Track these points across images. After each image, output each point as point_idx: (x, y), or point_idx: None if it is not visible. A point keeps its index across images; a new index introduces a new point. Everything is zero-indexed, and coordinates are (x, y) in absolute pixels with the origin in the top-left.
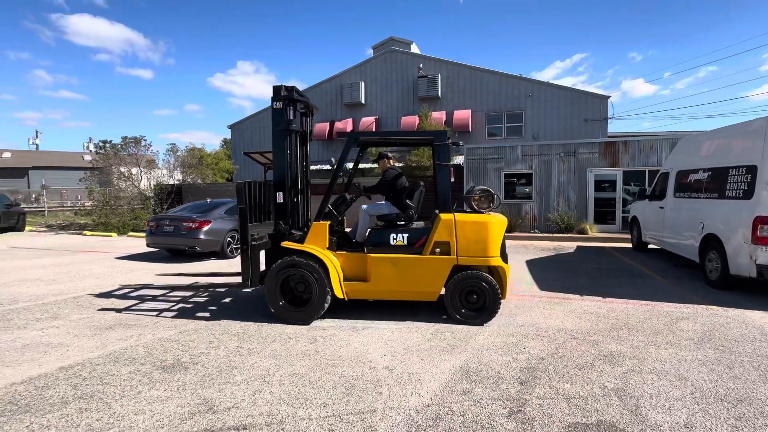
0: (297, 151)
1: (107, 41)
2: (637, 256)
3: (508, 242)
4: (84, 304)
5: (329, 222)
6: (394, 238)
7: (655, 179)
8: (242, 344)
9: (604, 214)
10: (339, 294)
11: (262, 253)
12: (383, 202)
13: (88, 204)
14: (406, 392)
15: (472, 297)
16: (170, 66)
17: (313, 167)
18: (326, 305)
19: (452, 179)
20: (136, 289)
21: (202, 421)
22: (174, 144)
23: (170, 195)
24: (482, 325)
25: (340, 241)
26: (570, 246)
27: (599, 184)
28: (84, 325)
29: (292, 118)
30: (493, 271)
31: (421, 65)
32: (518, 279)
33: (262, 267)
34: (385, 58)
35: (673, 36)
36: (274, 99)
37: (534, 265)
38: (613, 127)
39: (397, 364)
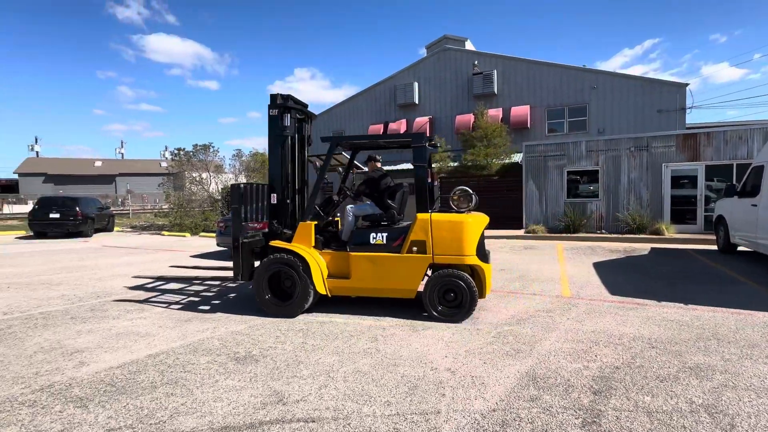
0: (295, 155)
1: (179, 56)
2: (725, 259)
3: (570, 243)
4: (168, 298)
5: (315, 222)
6: (373, 237)
7: (746, 174)
8: (306, 340)
9: (682, 213)
10: (321, 290)
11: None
12: (368, 203)
13: (165, 207)
14: (470, 395)
15: (450, 295)
16: (234, 76)
17: (366, 168)
18: (309, 300)
19: (431, 180)
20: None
21: (273, 411)
22: (239, 149)
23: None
24: (459, 322)
25: (327, 240)
26: (643, 247)
27: (676, 181)
28: (166, 317)
29: (287, 124)
30: (475, 270)
31: (475, 62)
32: (585, 282)
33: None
34: (438, 57)
35: (763, 13)
36: (270, 107)
37: (603, 268)
38: (692, 118)
39: (459, 366)
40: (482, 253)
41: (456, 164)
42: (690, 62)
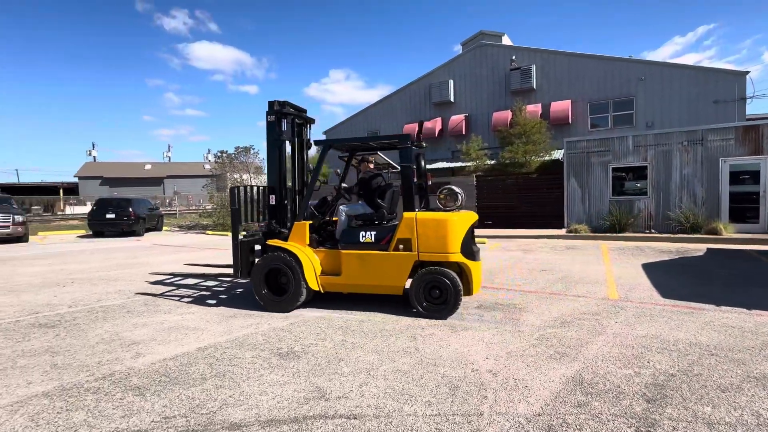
0: (295, 158)
1: (221, 63)
2: None
3: (616, 243)
4: (213, 295)
5: (310, 222)
6: (363, 236)
7: None
8: (346, 338)
9: (742, 211)
10: (314, 287)
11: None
12: (360, 203)
13: (209, 207)
14: (513, 398)
15: (435, 292)
16: (272, 80)
17: None
18: (302, 296)
19: (426, 180)
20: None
21: (316, 407)
22: None
23: None
24: (445, 319)
25: (323, 239)
26: (697, 248)
27: (736, 176)
28: (213, 312)
29: (284, 129)
30: (461, 267)
31: (513, 57)
32: (633, 284)
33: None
34: (474, 53)
35: None
36: (268, 113)
37: (653, 269)
38: (753, 108)
39: (501, 368)
40: (469, 251)
41: (493, 162)
42: (750, 48)
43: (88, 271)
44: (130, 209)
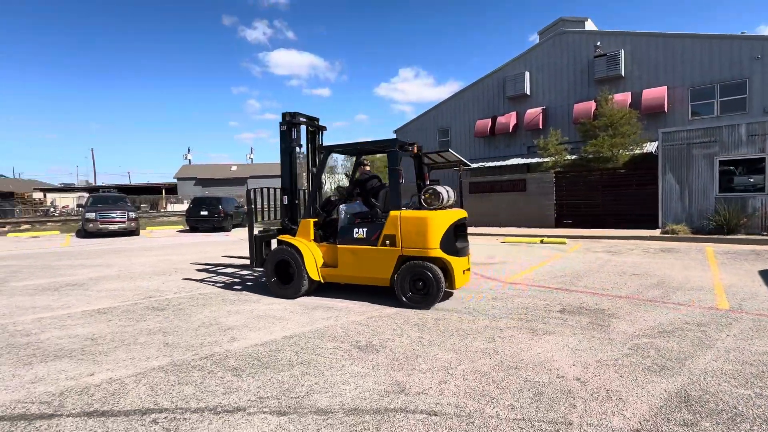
0: (308, 162)
1: (297, 68)
2: None
3: (724, 247)
4: None
5: (314, 219)
6: (356, 232)
7: None
8: (423, 335)
9: None
10: (315, 277)
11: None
12: (357, 202)
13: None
14: (606, 410)
15: (419, 284)
16: (343, 82)
17: (474, 165)
18: (304, 284)
19: (402, 180)
20: None
21: (396, 400)
22: None
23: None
24: (428, 308)
25: (326, 235)
26: None
27: None
28: (296, 303)
29: (293, 137)
30: (444, 263)
31: (597, 43)
32: (749, 294)
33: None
34: (553, 42)
35: None
36: (281, 123)
37: None
38: None
39: (591, 377)
40: (451, 248)
41: (574, 157)
42: None
43: (187, 262)
44: (220, 207)
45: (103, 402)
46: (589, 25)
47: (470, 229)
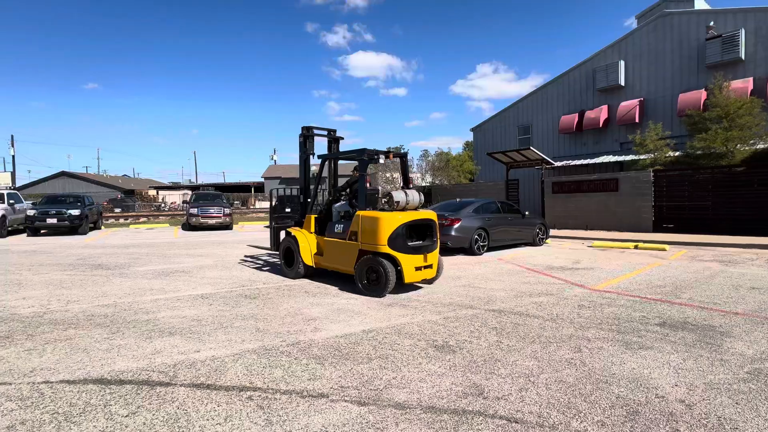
0: (330, 168)
1: (374, 69)
2: None
3: None
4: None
5: (315, 215)
6: (337, 228)
7: None
8: (501, 339)
9: None
10: (308, 262)
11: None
12: (344, 202)
13: None
14: None
15: (372, 275)
16: (419, 81)
17: (558, 163)
18: (301, 268)
19: (368, 184)
20: None
21: (474, 403)
22: (426, 150)
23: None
24: (381, 297)
25: (321, 228)
26: None
27: None
28: (372, 300)
29: (306, 147)
30: (395, 259)
31: (711, 23)
32: None
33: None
34: (654, 25)
35: None
36: (300, 135)
37: None
38: None
39: (698, 400)
40: (403, 245)
41: (677, 154)
42: None
43: (274, 256)
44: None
45: (208, 376)
46: (699, 4)
47: (553, 232)
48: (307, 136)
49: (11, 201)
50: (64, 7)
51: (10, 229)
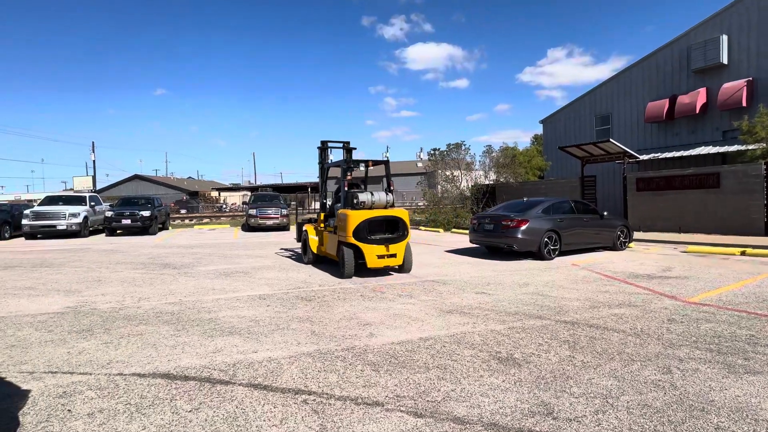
0: (325, 175)
1: (433, 61)
2: None
3: None
4: (428, 288)
5: (323, 213)
6: (331, 223)
7: None
8: (575, 354)
9: None
10: (314, 250)
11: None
12: (340, 203)
13: (421, 204)
14: None
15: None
16: (482, 71)
17: (644, 156)
18: (310, 255)
19: (345, 188)
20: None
21: (543, 423)
22: (489, 146)
23: (485, 194)
24: (342, 278)
25: (327, 224)
26: None
27: None
28: (430, 305)
29: (323, 157)
30: (359, 247)
31: None
32: None
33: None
34: None
35: None
36: (318, 147)
37: None
38: None
39: None
40: (365, 237)
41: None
42: None
43: (329, 262)
44: None
45: (265, 377)
46: None
47: (637, 235)
48: (323, 149)
49: (92, 203)
50: (123, 15)
51: (91, 229)
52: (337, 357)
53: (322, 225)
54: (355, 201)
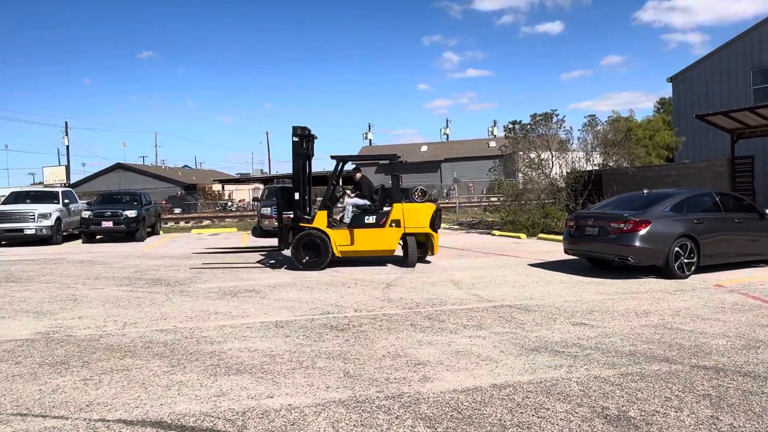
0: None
1: None
2: None
3: None
4: (504, 316)
5: (326, 211)
6: (366, 219)
7: None
8: (719, 415)
9: None
10: (338, 252)
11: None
12: (354, 198)
13: (494, 198)
14: None
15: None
16: (584, 8)
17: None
18: (326, 259)
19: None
20: (554, 309)
21: None
22: (593, 116)
23: (586, 185)
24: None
25: (331, 222)
26: None
27: None
28: (508, 340)
29: (305, 148)
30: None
31: None
32: None
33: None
34: None
35: None
36: (293, 135)
37: None
38: None
39: None
40: (433, 226)
41: None
42: None
43: (369, 273)
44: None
45: (283, 431)
46: None
47: None
48: (302, 137)
49: (66, 201)
50: None
51: (65, 234)
52: (379, 407)
53: (323, 222)
54: (416, 194)
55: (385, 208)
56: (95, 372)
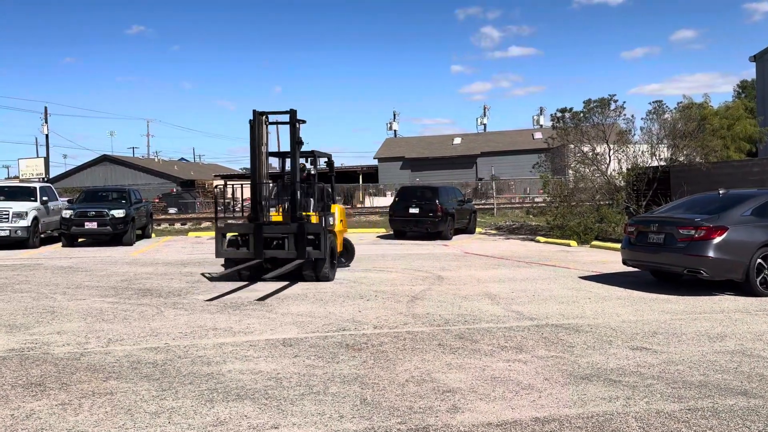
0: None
1: None
2: None
3: None
4: (550, 338)
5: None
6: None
7: None
8: None
9: None
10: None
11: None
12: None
13: (539, 199)
14: None
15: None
16: None
17: None
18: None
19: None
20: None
21: None
22: (659, 101)
23: (650, 184)
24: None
25: None
26: None
27: None
28: (552, 366)
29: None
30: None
31: None
32: None
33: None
34: None
35: None
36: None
37: None
38: None
39: None
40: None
41: None
42: None
43: (393, 283)
44: (437, 202)
45: None
46: None
47: None
48: (267, 123)
49: (44, 198)
50: None
51: (43, 236)
52: None
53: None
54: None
55: None
56: (75, 395)
